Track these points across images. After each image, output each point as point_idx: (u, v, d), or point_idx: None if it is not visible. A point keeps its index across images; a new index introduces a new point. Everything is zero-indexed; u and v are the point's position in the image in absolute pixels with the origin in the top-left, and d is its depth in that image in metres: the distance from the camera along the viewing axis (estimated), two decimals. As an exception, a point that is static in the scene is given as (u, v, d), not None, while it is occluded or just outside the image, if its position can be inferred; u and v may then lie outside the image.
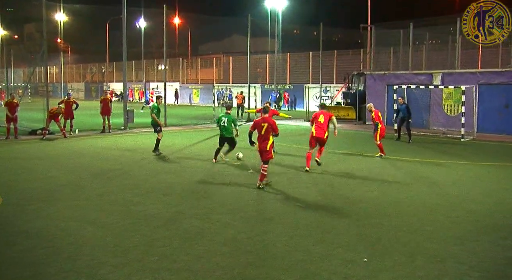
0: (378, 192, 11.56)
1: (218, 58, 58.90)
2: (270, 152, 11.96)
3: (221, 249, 7.56)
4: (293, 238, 8.14)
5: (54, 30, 50.82)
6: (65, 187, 11.94)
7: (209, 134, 23.69)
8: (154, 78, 61.26)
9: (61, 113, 22.10)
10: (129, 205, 10.19)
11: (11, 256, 7.24)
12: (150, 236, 8.17)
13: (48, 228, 8.57)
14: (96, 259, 7.11)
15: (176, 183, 12.46)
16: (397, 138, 21.51)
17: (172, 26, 67.23)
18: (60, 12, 50.07)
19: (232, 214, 9.54)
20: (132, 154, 17.33)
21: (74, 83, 71.06)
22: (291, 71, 47.26)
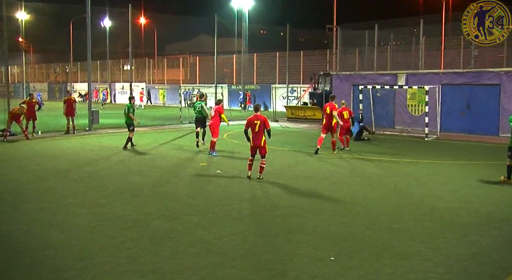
0: (345, 191, 11.68)
1: (184, 58, 58.53)
2: (265, 147, 12.81)
3: (189, 250, 7.52)
4: (261, 238, 8.16)
5: (16, 29, 49.62)
6: (28, 190, 11.68)
7: (176, 134, 23.54)
8: (119, 78, 60.47)
9: (23, 114, 21.57)
10: (95, 207, 10.04)
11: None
12: (117, 238, 8.07)
13: (12, 232, 8.37)
14: (61, 263, 6.98)
15: (144, 184, 12.34)
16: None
17: (138, 26, 66.51)
18: (22, 10, 48.94)
19: (200, 214, 9.50)
20: (98, 155, 17.07)
21: (37, 83, 69.49)
22: (258, 71, 47.32)
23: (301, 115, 32.66)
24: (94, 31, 27.50)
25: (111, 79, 59.21)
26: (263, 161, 12.86)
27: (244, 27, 44.40)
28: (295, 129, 27.32)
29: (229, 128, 25.93)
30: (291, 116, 33.15)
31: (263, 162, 12.87)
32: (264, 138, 12.77)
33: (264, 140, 12.77)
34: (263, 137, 12.74)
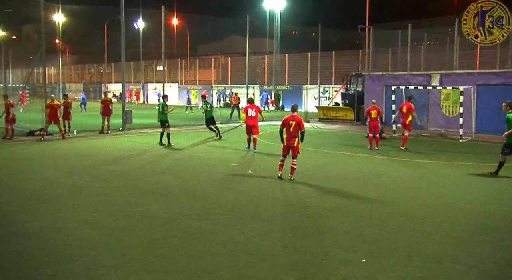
0: (377, 193, 11.55)
1: (216, 59, 58.83)
2: (298, 148, 12.75)
3: (219, 249, 7.54)
4: (292, 239, 8.13)
5: (53, 31, 50.71)
6: (63, 188, 11.91)
7: (208, 134, 23.66)
8: (152, 79, 61.20)
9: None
10: (127, 206, 10.17)
11: (9, 257, 7.22)
12: (148, 237, 8.15)
13: (46, 229, 8.55)
14: (94, 260, 7.08)
15: (175, 183, 12.45)
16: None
17: (170, 27, 67.19)
18: (59, 13, 49.98)
19: (230, 214, 9.52)
20: (130, 155, 17.31)
21: (72, 84, 70.97)
22: (290, 72, 47.24)
23: (332, 116, 32.45)
24: (128, 33, 27.91)
25: (144, 79, 59.95)
26: (294, 162, 12.81)
27: (276, 28, 44.40)
28: (327, 130, 27.16)
29: (260, 129, 25.97)
30: (322, 117, 32.97)
31: (294, 163, 12.82)
32: (297, 139, 12.72)
33: (297, 140, 12.72)
34: (296, 137, 12.71)
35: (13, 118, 21.76)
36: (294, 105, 13.40)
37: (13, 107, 22.17)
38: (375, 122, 18.53)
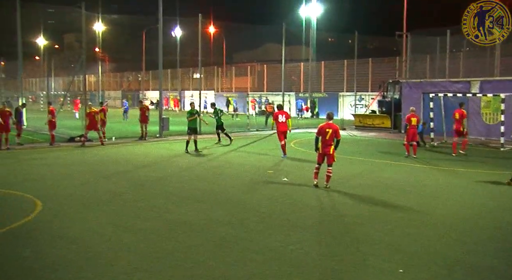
0: (414, 201, 11.37)
1: (252, 66, 59.11)
2: (333, 156, 12.70)
3: (255, 257, 7.56)
4: (327, 247, 8.08)
5: (93, 39, 51.95)
6: (102, 194, 12.16)
7: (243, 141, 23.79)
8: (189, 86, 61.90)
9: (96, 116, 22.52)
10: (164, 212, 10.31)
11: (52, 260, 7.41)
12: (185, 243, 8.24)
13: (87, 233, 8.74)
14: (132, 265, 7.21)
15: (210, 190, 12.55)
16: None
17: (207, 35, 67.88)
18: (99, 22, 51.16)
19: (266, 222, 9.54)
20: (167, 161, 17.54)
21: (111, 91, 72.39)
22: (326, 79, 47.08)
23: (369, 123, 32.15)
24: (165, 41, 28.35)
25: (181, 87, 60.67)
26: (329, 170, 12.76)
27: (312, 35, 44.32)
28: (363, 138, 26.92)
29: (296, 136, 25.95)
30: (359, 124, 32.70)
31: (330, 170, 12.77)
32: (333, 147, 12.68)
33: (333, 148, 12.67)
34: (332, 145, 12.65)
35: (53, 124, 22.43)
36: (329, 113, 13.33)
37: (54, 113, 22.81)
38: (415, 129, 18.51)
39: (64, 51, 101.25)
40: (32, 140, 22.88)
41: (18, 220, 9.57)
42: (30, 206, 10.75)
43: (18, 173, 15.07)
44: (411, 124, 18.40)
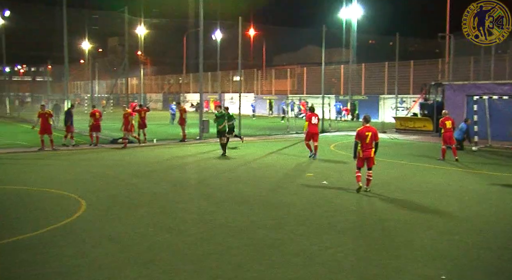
0: (456, 207, 11.14)
1: (292, 69, 59.03)
2: (373, 159, 12.61)
3: (293, 260, 7.56)
4: (367, 252, 8.00)
5: (135, 43, 52.97)
6: (144, 195, 12.39)
7: (283, 144, 23.77)
8: (229, 89, 62.32)
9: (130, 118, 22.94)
10: (203, 214, 10.42)
11: (94, 258, 7.60)
12: (224, 244, 8.31)
13: (128, 233, 8.92)
14: (172, 266, 7.32)
15: (250, 193, 12.61)
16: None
17: (247, 38, 68.24)
18: (141, 26, 52.13)
19: (305, 225, 9.52)
20: (207, 163, 17.71)
21: (152, 94, 73.55)
22: (366, 81, 46.60)
23: (410, 127, 31.63)
24: (206, 44, 28.65)
25: (221, 89, 61.14)
26: (370, 173, 12.64)
27: (352, 37, 43.97)
28: (404, 141, 26.51)
29: (335, 139, 25.82)
30: (400, 127, 32.21)
31: (370, 174, 12.65)
32: (373, 150, 12.56)
33: (373, 151, 12.56)
34: (372, 148, 12.54)
35: (98, 126, 23.06)
36: (366, 116, 13.18)
37: (101, 116, 23.44)
38: (450, 132, 18.36)
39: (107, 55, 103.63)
40: (77, 141, 23.49)
41: (63, 219, 9.86)
42: (75, 205, 11.05)
43: (64, 173, 15.51)
44: (446, 127, 18.29)
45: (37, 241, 8.48)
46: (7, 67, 51.22)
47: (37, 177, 14.86)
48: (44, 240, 8.51)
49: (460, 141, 21.28)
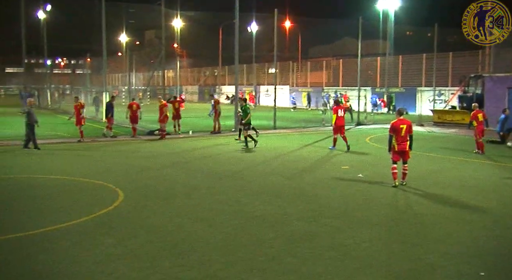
0: (496, 202, 10.90)
1: (328, 61, 58.55)
2: (408, 153, 12.43)
3: (327, 253, 7.56)
4: (402, 246, 7.93)
5: (172, 36, 53.42)
6: (179, 185, 12.56)
7: (317, 137, 23.67)
8: (264, 81, 62.28)
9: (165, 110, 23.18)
10: (239, 205, 10.50)
11: (132, 248, 7.77)
12: (258, 236, 8.37)
13: (165, 224, 9.08)
14: (207, 256, 7.42)
15: (285, 185, 12.63)
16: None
17: (283, 30, 67.98)
18: (177, 19, 52.50)
19: (340, 218, 9.49)
20: (242, 155, 17.80)
21: (188, 86, 74.15)
22: (403, 73, 45.83)
23: (448, 120, 31.01)
24: (241, 36, 28.70)
25: (257, 82, 61.18)
26: (405, 167, 12.49)
27: (390, 29, 43.28)
28: (442, 134, 26.03)
29: (371, 132, 25.59)
30: (437, 121, 31.62)
31: (406, 167, 12.50)
32: (408, 143, 12.39)
33: (408, 145, 12.39)
34: (408, 141, 12.37)
35: (136, 118, 23.48)
36: (401, 109, 13.09)
37: (139, 108, 23.83)
38: (482, 125, 18.25)
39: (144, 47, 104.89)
40: (114, 133, 23.93)
41: (102, 208, 10.10)
42: (113, 195, 11.30)
43: (102, 164, 15.86)
44: (479, 120, 18.11)
45: (77, 229, 8.72)
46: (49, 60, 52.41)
47: (77, 168, 15.23)
48: (84, 229, 8.74)
49: (501, 134, 20.81)
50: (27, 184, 12.70)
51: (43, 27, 45.90)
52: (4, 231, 8.60)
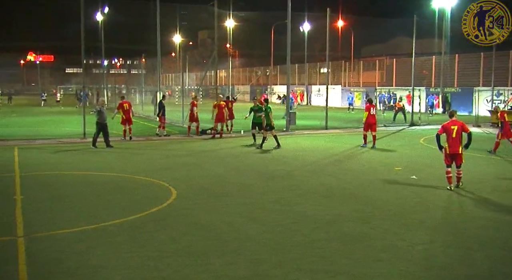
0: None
1: (381, 60, 57.65)
2: (461, 156, 11.96)
3: (380, 255, 7.45)
4: (458, 250, 7.71)
5: (224, 36, 53.96)
6: (231, 184, 12.67)
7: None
8: (316, 81, 61.97)
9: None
10: (289, 205, 10.49)
11: (183, 245, 7.90)
12: (309, 236, 8.34)
13: (216, 222, 9.18)
14: (257, 255, 7.45)
15: (336, 185, 12.52)
16: None
17: (335, 29, 67.41)
18: (230, 19, 52.97)
19: (392, 220, 9.33)
20: (293, 155, 17.77)
21: (240, 86, 74.67)
22: (459, 73, 44.55)
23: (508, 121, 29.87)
24: (293, 36, 28.63)
25: (308, 81, 60.94)
26: (459, 171, 12.05)
27: (445, 27, 42.17)
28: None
29: (426, 132, 25.06)
30: (495, 121, 30.52)
31: (460, 172, 12.06)
32: (461, 145, 11.95)
33: (461, 147, 11.94)
34: (461, 144, 11.94)
35: (192, 117, 23.70)
36: (452, 111, 12.72)
37: (196, 106, 24.07)
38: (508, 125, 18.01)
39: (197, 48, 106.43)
40: (169, 132, 24.36)
41: (156, 206, 10.32)
42: (166, 193, 11.52)
43: (156, 162, 16.20)
44: (506, 120, 17.98)
45: (132, 225, 8.94)
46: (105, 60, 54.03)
47: (131, 165, 15.62)
48: (138, 225, 8.95)
49: None
50: (83, 181, 13.14)
51: (101, 29, 47.32)
52: (62, 226, 8.92)
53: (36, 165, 15.64)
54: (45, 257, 7.36)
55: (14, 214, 9.72)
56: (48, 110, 46.21)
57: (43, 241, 8.10)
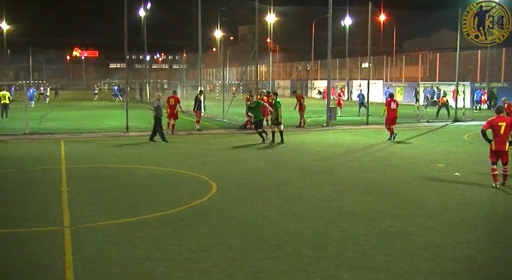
0: None
1: (424, 55, 56.50)
2: (508, 153, 11.64)
3: (421, 253, 7.35)
4: (502, 250, 7.53)
5: (265, 31, 53.96)
6: (270, 179, 12.71)
7: (412, 133, 22.96)
8: (357, 76, 61.28)
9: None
10: (329, 200, 10.46)
11: (224, 238, 7.99)
12: (349, 232, 8.30)
13: (256, 216, 9.24)
14: (297, 250, 7.47)
15: (377, 181, 12.40)
16: None
17: (377, 23, 66.42)
18: (270, 14, 52.94)
19: (434, 217, 9.18)
20: (333, 151, 17.67)
21: (280, 81, 74.56)
22: (506, 67, 43.24)
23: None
24: (334, 30, 28.40)
25: (349, 76, 60.32)
26: (505, 169, 11.75)
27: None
28: None
29: (470, 129, 24.55)
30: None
31: (506, 169, 11.76)
32: (508, 143, 11.64)
33: (508, 145, 11.64)
34: (507, 142, 11.63)
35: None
36: (499, 107, 12.40)
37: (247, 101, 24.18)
38: None
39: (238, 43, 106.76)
40: (209, 126, 24.59)
41: (196, 199, 10.46)
42: (206, 187, 11.66)
43: (196, 156, 16.39)
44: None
45: (174, 218, 9.09)
46: (148, 55, 54.88)
47: (171, 159, 15.86)
48: (180, 218, 9.10)
49: None
50: (126, 174, 13.43)
51: (144, 25, 48.07)
52: (106, 217, 9.16)
53: (81, 158, 16.07)
54: (90, 247, 7.58)
55: (61, 205, 10.05)
56: (96, 104, 47.38)
57: (88, 231, 8.34)
